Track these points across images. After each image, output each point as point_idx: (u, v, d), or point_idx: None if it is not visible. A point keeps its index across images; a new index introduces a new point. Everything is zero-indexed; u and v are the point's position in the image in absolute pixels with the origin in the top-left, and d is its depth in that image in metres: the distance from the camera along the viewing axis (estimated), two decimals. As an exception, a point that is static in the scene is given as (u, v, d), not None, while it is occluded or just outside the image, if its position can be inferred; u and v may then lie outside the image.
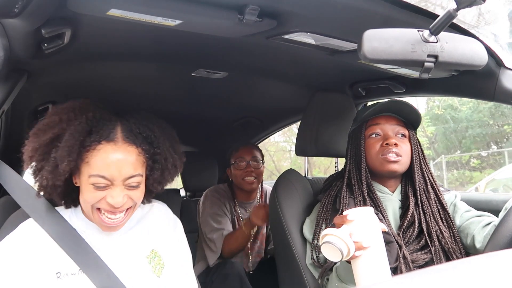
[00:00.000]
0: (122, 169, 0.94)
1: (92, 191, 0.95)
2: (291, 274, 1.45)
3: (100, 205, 0.97)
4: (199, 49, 1.39)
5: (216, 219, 2.04)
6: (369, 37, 0.85)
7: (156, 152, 1.02)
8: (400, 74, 1.51)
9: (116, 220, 0.99)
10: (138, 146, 0.98)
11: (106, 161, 0.93)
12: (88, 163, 0.94)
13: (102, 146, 0.94)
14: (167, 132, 1.08)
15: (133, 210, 1.03)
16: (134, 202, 1.00)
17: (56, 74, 1.42)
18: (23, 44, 1.05)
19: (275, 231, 1.55)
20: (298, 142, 1.66)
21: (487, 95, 1.31)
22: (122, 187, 0.96)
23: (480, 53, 0.95)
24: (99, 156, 0.94)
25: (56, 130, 0.95)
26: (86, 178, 0.95)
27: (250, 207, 2.20)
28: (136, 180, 0.97)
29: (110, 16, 0.98)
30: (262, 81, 1.86)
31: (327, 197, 1.40)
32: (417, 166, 1.35)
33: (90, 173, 0.94)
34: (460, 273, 0.44)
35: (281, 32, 1.16)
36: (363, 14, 1.05)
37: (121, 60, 1.47)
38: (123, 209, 0.99)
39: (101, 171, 0.93)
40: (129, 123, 1.01)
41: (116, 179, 0.94)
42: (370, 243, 1.02)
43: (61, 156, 0.93)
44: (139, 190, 1.00)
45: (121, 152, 0.95)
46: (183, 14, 1.01)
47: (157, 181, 1.06)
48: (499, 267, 0.46)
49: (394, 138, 1.33)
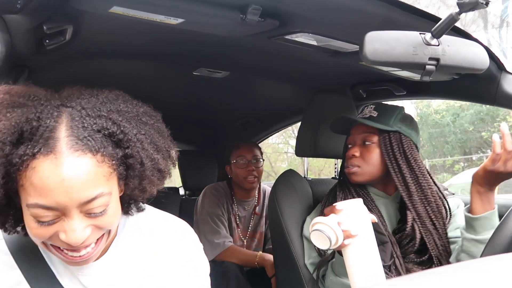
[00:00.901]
0: (73, 193, 0.64)
1: (36, 226, 0.66)
2: (289, 273, 1.45)
3: (54, 241, 0.69)
4: (200, 48, 1.39)
5: (214, 220, 2.03)
6: (371, 39, 0.85)
7: (127, 154, 0.71)
8: (401, 77, 1.51)
9: (84, 255, 0.71)
10: (95, 153, 0.66)
11: (47, 185, 0.63)
12: (23, 187, 0.64)
13: (38, 161, 0.63)
14: (144, 121, 0.76)
15: (108, 236, 0.75)
16: (106, 229, 0.72)
17: (57, 70, 1.42)
18: (25, 40, 1.05)
19: (274, 230, 1.55)
20: (298, 143, 1.66)
21: (488, 99, 1.31)
22: (80, 215, 0.67)
23: (481, 57, 0.95)
24: (35, 177, 0.63)
25: None
26: (25, 208, 0.66)
27: (248, 205, 2.20)
28: (100, 202, 0.67)
29: (112, 14, 0.98)
30: (263, 81, 1.86)
31: (327, 197, 1.43)
32: (395, 169, 1.30)
33: (27, 201, 0.64)
34: (458, 276, 0.44)
35: (283, 33, 1.16)
36: (365, 15, 1.05)
37: (122, 57, 1.47)
38: (90, 243, 0.70)
39: (41, 199, 0.64)
40: (81, 115, 0.68)
41: (66, 208, 0.65)
42: (358, 231, 1.04)
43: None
44: (108, 214, 0.70)
45: (67, 168, 0.63)
46: (185, 13, 1.01)
47: (137, 190, 0.76)
48: (497, 271, 0.46)
49: (353, 150, 1.35)
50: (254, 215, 2.21)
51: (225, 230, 2.05)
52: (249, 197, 2.21)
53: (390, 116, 1.36)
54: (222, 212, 2.09)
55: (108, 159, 0.68)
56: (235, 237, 2.13)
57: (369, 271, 1.04)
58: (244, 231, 2.18)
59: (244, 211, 2.19)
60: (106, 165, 0.68)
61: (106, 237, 0.74)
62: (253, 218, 2.20)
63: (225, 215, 2.10)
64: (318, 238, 1.05)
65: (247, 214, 2.20)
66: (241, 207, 2.19)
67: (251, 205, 2.22)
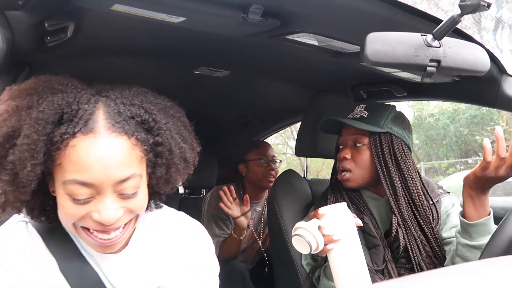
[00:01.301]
0: (110, 170, 0.68)
1: (70, 205, 0.69)
2: (287, 273, 1.45)
3: (85, 223, 0.71)
4: (201, 46, 1.39)
5: (219, 224, 2.02)
6: (372, 40, 0.85)
7: (157, 142, 0.75)
8: (402, 78, 1.51)
9: (112, 239, 0.74)
10: (130, 136, 0.71)
11: (85, 161, 0.67)
12: (60, 166, 0.67)
13: (78, 140, 0.67)
14: (172, 114, 0.82)
15: (135, 222, 0.78)
16: (135, 213, 0.76)
17: (58, 68, 1.41)
18: (26, 36, 1.05)
19: (272, 229, 1.55)
20: (298, 143, 1.66)
21: (489, 101, 1.31)
22: (114, 195, 0.71)
23: (482, 59, 0.95)
24: (75, 154, 0.67)
25: (13, 122, 0.67)
26: (60, 186, 0.69)
27: (258, 206, 2.19)
28: (132, 183, 0.71)
29: (114, 11, 0.98)
30: (263, 80, 1.86)
31: (320, 200, 1.42)
32: (383, 173, 1.28)
33: (64, 178, 0.68)
34: (454, 279, 0.44)
35: (284, 32, 1.16)
36: (367, 16, 1.05)
37: (123, 56, 1.47)
38: (119, 225, 0.73)
39: (78, 175, 0.67)
40: (116, 103, 0.73)
41: (102, 185, 0.68)
42: (341, 236, 1.04)
43: (20, 159, 0.66)
44: (139, 197, 0.74)
45: (105, 146, 0.68)
46: (187, 12, 1.01)
47: (163, 180, 0.79)
48: (494, 273, 0.46)
49: (344, 151, 1.34)
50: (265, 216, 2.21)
51: (225, 231, 2.03)
52: (261, 198, 2.20)
53: (381, 116, 1.32)
54: (227, 216, 2.06)
55: (140, 144, 0.72)
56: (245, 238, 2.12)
57: (354, 275, 1.03)
58: (255, 231, 2.17)
59: (254, 212, 2.18)
60: (138, 149, 0.72)
61: (133, 223, 0.77)
62: (263, 219, 2.19)
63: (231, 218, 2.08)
64: (298, 243, 1.05)
65: (257, 215, 2.20)
66: (251, 208, 2.18)
67: (261, 206, 2.21)
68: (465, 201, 1.15)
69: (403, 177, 1.27)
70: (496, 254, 0.95)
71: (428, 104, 11.66)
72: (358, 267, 1.04)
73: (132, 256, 0.83)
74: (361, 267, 1.04)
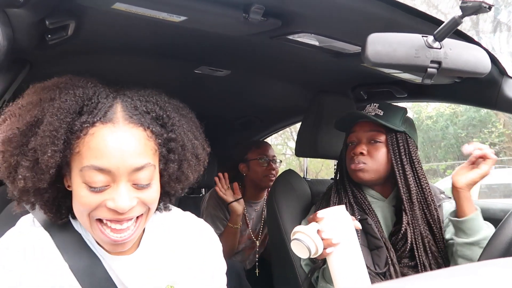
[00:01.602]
0: (126, 157, 0.71)
1: (86, 194, 0.71)
2: (285, 273, 1.45)
3: (100, 213, 0.73)
4: (202, 46, 1.39)
5: (216, 223, 2.02)
6: (373, 41, 0.85)
7: (171, 138, 0.78)
8: (403, 79, 1.51)
9: (124, 233, 0.75)
10: (146, 128, 0.75)
11: (103, 147, 0.70)
12: (79, 153, 0.71)
13: (97, 128, 0.71)
14: (184, 114, 0.85)
15: (146, 218, 0.79)
16: (147, 206, 0.77)
17: (58, 65, 1.42)
18: (27, 34, 1.05)
19: (272, 230, 1.55)
20: (298, 143, 1.66)
21: (489, 103, 1.31)
22: (128, 184, 0.73)
23: (483, 61, 0.95)
24: (93, 141, 0.70)
25: (36, 112, 0.72)
26: (78, 175, 0.72)
27: (257, 206, 2.20)
28: (146, 174, 0.73)
29: (115, 10, 0.98)
30: (264, 80, 1.86)
31: (321, 200, 1.42)
32: (399, 170, 1.30)
33: (82, 164, 0.70)
34: (454, 280, 0.44)
35: (285, 32, 1.16)
36: (368, 17, 1.05)
37: (124, 54, 1.47)
38: (132, 216, 0.75)
39: (96, 161, 0.70)
40: (133, 99, 0.78)
41: (118, 172, 0.71)
42: (340, 239, 1.03)
43: (42, 145, 0.69)
44: (152, 189, 0.76)
45: (123, 134, 0.72)
46: (188, 11, 1.01)
47: (174, 177, 0.81)
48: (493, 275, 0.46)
49: (360, 147, 1.33)
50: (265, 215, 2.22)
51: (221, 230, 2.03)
52: (260, 198, 2.20)
53: (397, 116, 1.35)
54: (225, 216, 2.07)
55: (155, 137, 0.76)
56: (244, 238, 2.12)
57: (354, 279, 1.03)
58: (254, 232, 2.17)
59: (253, 212, 2.18)
60: (153, 141, 0.76)
61: (144, 218, 0.78)
62: (262, 219, 2.20)
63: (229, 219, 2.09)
64: (297, 247, 1.04)
65: (257, 215, 2.20)
66: (250, 208, 2.18)
67: (260, 206, 2.21)
68: (457, 201, 1.20)
69: (417, 176, 1.30)
70: (495, 256, 0.96)
71: (426, 107, 11.71)
72: (358, 270, 1.04)
73: (143, 258, 0.84)
74: (360, 270, 1.04)
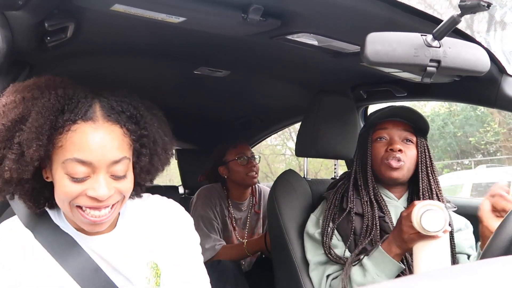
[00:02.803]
0: (105, 151, 0.79)
1: (68, 184, 0.79)
2: (287, 273, 1.45)
3: (80, 201, 0.81)
4: (202, 47, 1.39)
5: (207, 225, 2.01)
6: (372, 40, 0.85)
7: (143, 134, 0.87)
8: (402, 78, 1.51)
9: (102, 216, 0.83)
10: (122, 126, 0.84)
11: (85, 142, 0.78)
12: (62, 147, 0.79)
13: (79, 126, 0.79)
14: (155, 113, 0.94)
15: (121, 205, 0.88)
16: (122, 195, 0.86)
17: (58, 67, 1.42)
18: (26, 36, 1.05)
19: (273, 230, 1.55)
20: (298, 143, 1.66)
21: (489, 101, 1.31)
22: (106, 175, 0.81)
23: (482, 59, 0.95)
24: (76, 137, 0.78)
25: (20, 110, 0.79)
26: (60, 166, 0.79)
27: (243, 206, 2.19)
28: (122, 166, 0.82)
29: (114, 11, 0.98)
30: (264, 80, 1.86)
31: (334, 196, 1.40)
32: (423, 173, 1.33)
33: (65, 157, 0.78)
34: (456, 279, 0.44)
35: (285, 33, 1.16)
36: (367, 16, 1.05)
37: (123, 55, 1.47)
38: (109, 204, 0.84)
39: (79, 154, 0.78)
40: (109, 100, 0.86)
41: (98, 164, 0.79)
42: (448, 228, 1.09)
43: (27, 139, 0.77)
44: (127, 180, 0.85)
45: (102, 131, 0.80)
46: (187, 12, 1.01)
47: (145, 169, 0.91)
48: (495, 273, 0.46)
49: (399, 144, 1.32)
50: (252, 215, 2.21)
51: (216, 233, 2.02)
52: (245, 198, 2.19)
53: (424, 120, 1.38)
54: (215, 216, 2.06)
55: (130, 133, 0.85)
56: (232, 239, 2.12)
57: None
58: (241, 233, 2.16)
59: (240, 212, 2.18)
60: (128, 138, 0.85)
61: (120, 205, 0.87)
62: (249, 219, 2.19)
63: (218, 219, 2.07)
64: (430, 219, 1.06)
65: (243, 216, 2.19)
66: (236, 209, 2.17)
67: (247, 206, 2.21)
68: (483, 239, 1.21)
69: (435, 180, 1.34)
70: (496, 255, 0.95)
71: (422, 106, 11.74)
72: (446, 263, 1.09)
73: (120, 235, 0.94)
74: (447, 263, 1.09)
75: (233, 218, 2.14)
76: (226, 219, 2.12)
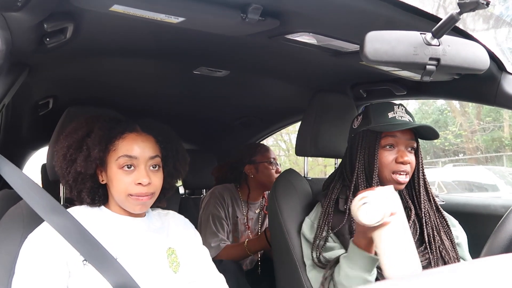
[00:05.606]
0: (145, 150, 1.13)
1: (122, 176, 1.10)
2: (288, 273, 1.45)
3: (132, 189, 1.11)
4: (201, 47, 1.39)
5: (216, 224, 2.01)
6: (371, 39, 0.85)
7: (168, 147, 1.20)
8: (402, 77, 1.51)
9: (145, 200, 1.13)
10: (154, 137, 1.17)
11: (131, 144, 1.12)
12: (115, 150, 1.12)
13: (127, 135, 1.13)
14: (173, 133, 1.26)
15: (154, 197, 1.16)
16: (154, 188, 1.14)
17: (57, 68, 1.42)
18: (25, 38, 1.05)
19: (273, 229, 1.55)
20: (298, 142, 1.66)
21: (488, 99, 1.31)
22: (146, 167, 1.13)
23: (482, 57, 0.95)
24: (125, 142, 1.12)
25: (86, 128, 1.15)
26: (114, 164, 1.11)
27: (256, 207, 2.20)
28: (157, 161, 1.14)
29: (113, 12, 0.98)
30: (263, 80, 1.86)
31: (328, 200, 1.38)
32: (420, 177, 1.34)
33: (118, 155, 1.11)
34: (457, 277, 0.44)
35: (284, 32, 1.16)
36: (366, 15, 1.05)
37: (123, 56, 1.47)
38: (149, 192, 1.13)
39: (127, 152, 1.11)
40: (144, 122, 1.20)
41: (140, 158, 1.11)
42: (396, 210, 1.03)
43: (93, 144, 1.10)
44: (158, 175, 1.15)
45: (142, 138, 1.14)
46: (186, 12, 1.01)
47: (170, 173, 1.20)
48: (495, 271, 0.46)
49: (407, 155, 1.29)
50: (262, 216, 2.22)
51: (224, 233, 2.03)
52: (259, 199, 2.21)
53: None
54: (226, 216, 2.06)
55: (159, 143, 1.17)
56: (243, 239, 2.12)
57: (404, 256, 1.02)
58: (253, 232, 2.17)
59: (253, 213, 2.19)
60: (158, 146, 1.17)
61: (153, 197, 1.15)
62: (260, 219, 2.20)
63: (229, 220, 2.08)
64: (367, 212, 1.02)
65: (255, 216, 2.20)
66: (250, 209, 2.18)
67: (259, 207, 2.22)
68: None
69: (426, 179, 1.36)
70: (496, 252, 0.96)
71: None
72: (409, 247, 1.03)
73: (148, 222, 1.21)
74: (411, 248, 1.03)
75: (248, 218, 2.16)
76: (237, 220, 2.12)
